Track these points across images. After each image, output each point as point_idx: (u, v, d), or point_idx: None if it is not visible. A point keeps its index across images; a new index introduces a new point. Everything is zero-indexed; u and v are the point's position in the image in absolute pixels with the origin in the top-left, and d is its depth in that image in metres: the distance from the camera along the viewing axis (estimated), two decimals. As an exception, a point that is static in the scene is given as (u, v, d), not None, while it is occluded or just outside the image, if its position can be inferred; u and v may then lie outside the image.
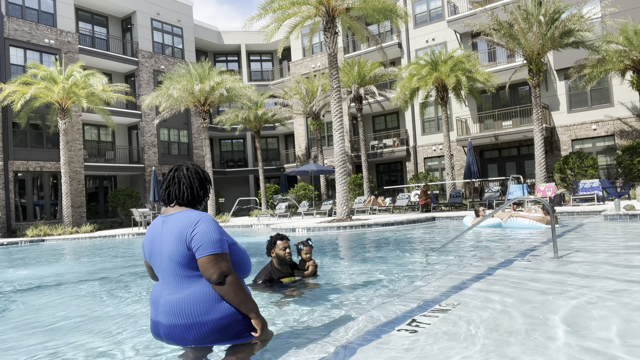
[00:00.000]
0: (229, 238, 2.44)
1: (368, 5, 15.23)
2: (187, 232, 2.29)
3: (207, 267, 2.25)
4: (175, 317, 2.31)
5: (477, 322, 2.89)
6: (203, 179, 2.53)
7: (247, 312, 2.31)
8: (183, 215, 2.36)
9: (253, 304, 2.34)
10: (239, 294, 2.29)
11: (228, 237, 2.43)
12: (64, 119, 20.45)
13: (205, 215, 2.38)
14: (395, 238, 9.68)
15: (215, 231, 2.31)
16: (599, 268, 4.51)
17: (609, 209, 11.86)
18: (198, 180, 2.51)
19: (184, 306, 2.30)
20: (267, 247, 4.64)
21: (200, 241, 2.26)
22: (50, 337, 3.46)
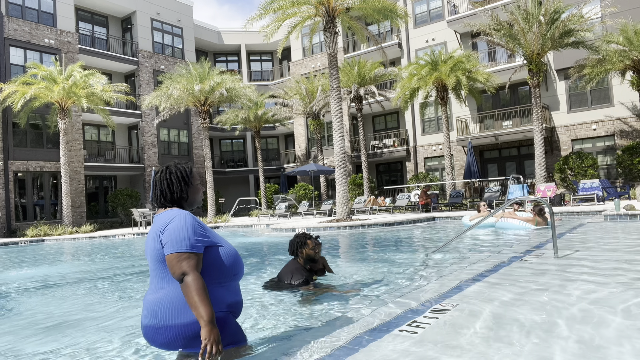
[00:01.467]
0: (213, 238, 2.38)
1: (368, 5, 15.23)
2: (160, 229, 2.30)
3: (170, 265, 2.21)
4: (149, 317, 2.30)
5: (478, 322, 2.88)
6: (179, 178, 2.50)
7: (197, 318, 2.14)
8: (164, 213, 2.37)
9: (206, 311, 2.12)
10: (191, 296, 2.14)
11: (210, 237, 2.37)
12: (64, 119, 20.45)
13: (182, 214, 2.33)
14: (395, 238, 9.68)
15: (186, 229, 2.26)
16: (599, 268, 4.51)
17: (609, 209, 11.85)
18: (174, 180, 2.49)
19: (156, 307, 2.28)
20: (295, 247, 4.55)
21: (167, 238, 2.24)
22: (50, 337, 3.45)
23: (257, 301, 4.15)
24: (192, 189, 2.55)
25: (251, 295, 4.42)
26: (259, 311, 3.73)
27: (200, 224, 2.38)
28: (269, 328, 3.22)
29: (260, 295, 4.43)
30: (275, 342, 2.88)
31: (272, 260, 7.46)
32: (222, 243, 2.42)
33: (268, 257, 8.04)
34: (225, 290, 2.40)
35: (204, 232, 2.35)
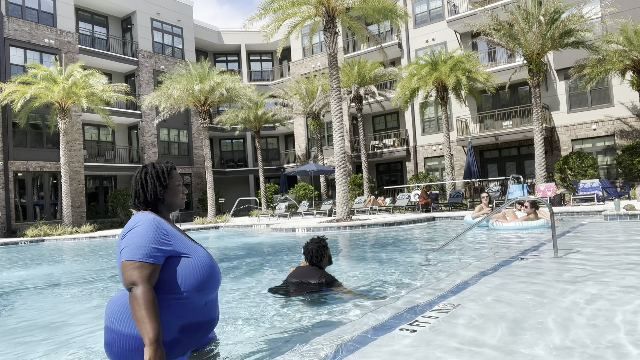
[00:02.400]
0: (178, 247, 2.17)
1: (368, 5, 15.23)
2: (124, 233, 2.16)
3: (122, 273, 2.04)
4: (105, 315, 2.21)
5: (477, 322, 2.89)
6: (154, 178, 2.34)
7: (142, 335, 1.93)
8: (133, 217, 2.24)
9: (152, 328, 1.92)
10: (137, 309, 1.95)
11: (174, 247, 2.16)
12: (64, 119, 20.45)
13: (147, 220, 2.16)
14: (395, 238, 9.68)
15: (145, 236, 2.08)
16: (599, 268, 4.51)
17: (609, 209, 11.85)
18: (149, 180, 2.33)
19: (109, 305, 2.18)
20: (320, 253, 4.21)
21: (126, 244, 2.09)
22: (49, 337, 3.45)
23: (257, 302, 4.15)
24: (169, 190, 2.36)
25: (251, 296, 4.42)
26: (258, 312, 3.73)
27: (166, 231, 2.18)
28: (268, 329, 3.22)
29: (260, 296, 4.43)
30: (275, 342, 2.88)
31: (272, 261, 7.46)
32: (190, 253, 2.19)
33: (268, 257, 8.04)
34: (182, 308, 2.13)
35: (168, 241, 2.15)
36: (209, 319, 2.28)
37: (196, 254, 2.22)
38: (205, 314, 2.24)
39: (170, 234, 2.21)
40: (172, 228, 2.27)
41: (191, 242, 2.30)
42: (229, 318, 3.55)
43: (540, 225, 9.20)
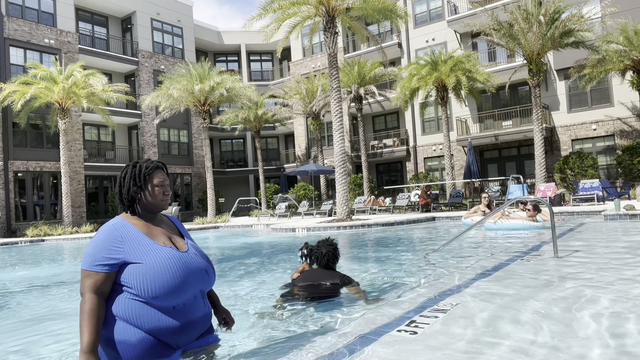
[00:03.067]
0: (128, 256, 2.13)
1: (368, 5, 15.23)
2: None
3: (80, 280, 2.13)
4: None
5: (477, 323, 2.88)
6: (130, 178, 2.31)
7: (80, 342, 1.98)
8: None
9: (86, 339, 1.96)
10: (81, 319, 2.00)
11: (123, 256, 2.13)
12: (64, 119, 20.45)
13: (103, 227, 2.21)
14: (395, 238, 9.68)
15: (94, 246, 2.12)
16: (599, 268, 4.51)
17: (609, 209, 11.85)
18: (127, 179, 2.31)
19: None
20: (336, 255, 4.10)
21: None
22: (48, 337, 3.45)
23: (256, 302, 4.15)
24: (146, 191, 2.29)
25: (251, 296, 4.42)
26: (256, 313, 3.73)
27: (121, 239, 2.16)
28: (267, 331, 3.21)
29: (260, 295, 4.43)
30: (274, 343, 2.88)
31: (272, 261, 7.46)
32: (143, 261, 2.13)
33: (268, 258, 8.04)
34: (146, 311, 2.13)
35: (119, 249, 2.13)
36: (184, 322, 2.21)
37: (151, 261, 2.14)
38: (176, 317, 2.18)
39: (127, 241, 2.16)
40: (135, 234, 2.21)
41: (156, 247, 2.20)
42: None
43: (538, 226, 9.17)
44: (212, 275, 2.40)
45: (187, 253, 2.30)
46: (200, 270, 2.30)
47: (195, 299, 2.28)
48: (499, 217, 9.67)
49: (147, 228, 2.29)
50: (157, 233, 2.30)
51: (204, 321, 2.34)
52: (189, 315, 2.24)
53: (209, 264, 2.41)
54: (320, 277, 3.96)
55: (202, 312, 2.33)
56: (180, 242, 2.37)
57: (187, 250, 2.32)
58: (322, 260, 4.06)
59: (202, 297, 2.35)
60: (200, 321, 2.31)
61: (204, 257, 2.40)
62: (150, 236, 2.26)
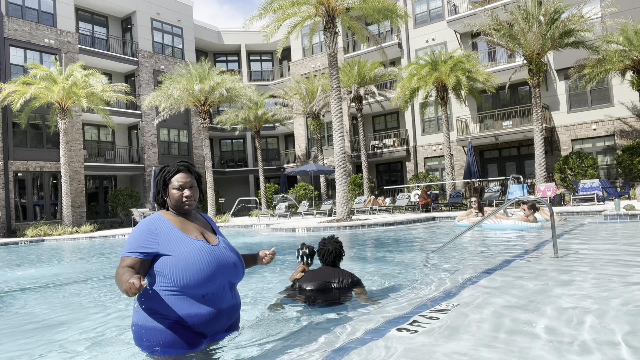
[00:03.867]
0: (160, 248, 2.34)
1: (368, 5, 15.23)
2: None
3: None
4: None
5: (477, 323, 2.88)
6: (156, 180, 2.57)
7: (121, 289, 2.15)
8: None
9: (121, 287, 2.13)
10: (117, 275, 2.20)
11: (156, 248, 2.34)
12: (64, 119, 20.45)
13: (141, 222, 2.45)
14: (395, 238, 9.68)
15: (133, 236, 2.37)
16: (599, 268, 4.51)
17: (609, 209, 11.85)
18: (154, 181, 2.59)
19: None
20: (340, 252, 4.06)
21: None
22: (47, 338, 3.45)
23: (254, 303, 4.15)
24: (168, 193, 2.50)
25: (251, 296, 4.42)
26: (256, 314, 3.73)
27: (153, 232, 2.37)
28: (267, 331, 3.22)
29: (259, 297, 4.43)
30: (274, 344, 2.88)
31: (272, 261, 7.45)
32: (174, 254, 2.33)
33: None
34: (176, 300, 2.32)
35: (153, 241, 2.35)
36: (212, 310, 2.38)
37: (183, 252, 2.33)
38: (205, 306, 2.36)
39: (161, 233, 2.37)
40: (169, 228, 2.41)
41: (188, 240, 2.40)
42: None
43: (533, 227, 9.15)
44: (240, 269, 2.55)
45: (218, 247, 2.48)
46: (229, 263, 2.47)
47: (224, 289, 2.44)
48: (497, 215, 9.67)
49: (181, 223, 2.48)
50: (190, 228, 2.48)
51: (231, 312, 2.51)
52: (218, 304, 2.41)
53: (239, 259, 2.57)
54: (329, 276, 3.84)
55: (230, 302, 2.49)
56: (212, 237, 2.55)
57: (217, 244, 2.50)
58: (328, 257, 3.99)
59: (230, 289, 2.49)
60: (228, 311, 2.47)
61: (233, 252, 2.57)
62: (184, 230, 2.45)
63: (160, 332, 2.30)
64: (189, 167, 2.55)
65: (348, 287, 3.80)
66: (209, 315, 2.37)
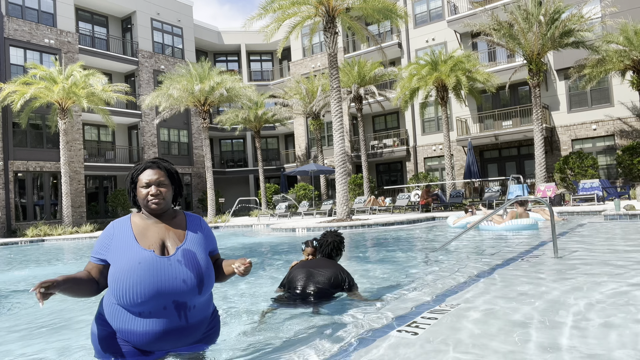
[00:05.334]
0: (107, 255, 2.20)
1: (368, 5, 15.23)
2: None
3: None
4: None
5: (477, 323, 2.88)
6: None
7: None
8: None
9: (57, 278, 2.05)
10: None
11: (104, 254, 2.20)
12: (64, 119, 20.45)
13: (109, 224, 2.36)
14: (395, 238, 9.68)
15: (98, 240, 2.28)
16: (599, 268, 4.51)
17: (609, 209, 11.85)
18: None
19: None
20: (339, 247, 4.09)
21: None
22: (47, 338, 3.45)
23: (254, 303, 4.15)
24: (137, 191, 2.30)
25: (250, 296, 4.42)
26: (255, 314, 3.73)
27: (109, 237, 2.23)
28: (264, 332, 3.21)
29: (259, 297, 4.43)
30: (272, 345, 2.88)
31: (272, 261, 7.46)
32: (115, 264, 2.15)
33: (268, 258, 8.04)
34: (118, 312, 2.15)
35: (105, 247, 2.21)
36: (150, 330, 2.11)
37: (122, 263, 2.12)
38: (141, 324, 2.12)
39: (115, 239, 2.21)
40: (126, 234, 2.22)
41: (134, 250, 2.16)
42: (228, 318, 3.55)
43: (530, 225, 9.13)
44: (193, 287, 2.17)
45: (169, 259, 2.17)
46: (176, 279, 2.13)
47: (165, 309, 2.12)
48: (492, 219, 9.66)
49: (143, 228, 2.26)
50: (151, 234, 2.24)
51: (180, 334, 2.17)
52: (157, 325, 2.12)
53: (195, 274, 2.18)
54: (320, 265, 3.85)
55: (176, 324, 2.15)
56: (172, 246, 2.23)
57: (171, 256, 2.18)
58: (325, 248, 4.02)
59: (177, 309, 2.14)
60: (173, 333, 2.15)
61: (191, 266, 2.19)
62: (141, 237, 2.22)
63: (99, 338, 2.18)
64: (158, 163, 2.33)
65: (333, 283, 3.72)
66: (145, 335, 2.11)
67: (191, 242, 2.29)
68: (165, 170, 2.33)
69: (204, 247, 2.32)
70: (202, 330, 2.28)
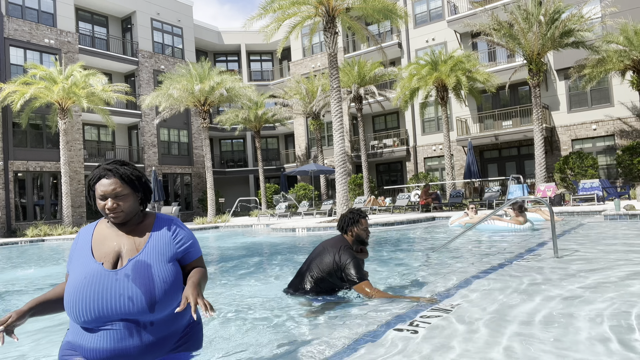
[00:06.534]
0: (68, 266, 2.06)
1: (368, 5, 15.23)
2: None
3: None
4: None
5: (477, 323, 2.88)
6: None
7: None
8: None
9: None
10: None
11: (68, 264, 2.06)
12: (64, 119, 20.44)
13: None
14: (395, 238, 9.68)
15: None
16: (599, 268, 4.51)
17: (609, 209, 11.85)
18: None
19: None
20: (346, 223, 4.00)
21: None
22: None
23: (253, 303, 4.15)
24: (96, 203, 2.05)
25: (250, 297, 4.42)
26: (255, 313, 3.73)
27: (73, 247, 2.07)
28: (265, 331, 3.21)
29: (259, 297, 4.42)
30: (271, 345, 2.88)
31: (272, 261, 7.46)
32: (70, 276, 1.99)
33: (268, 257, 8.04)
34: (73, 324, 2.00)
35: (70, 256, 2.06)
36: (96, 347, 1.90)
37: (70, 279, 1.97)
38: (89, 339, 1.92)
39: (77, 250, 2.04)
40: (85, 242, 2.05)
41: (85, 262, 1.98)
42: (228, 317, 3.55)
43: (524, 228, 9.15)
44: (142, 305, 1.90)
45: (115, 273, 1.93)
46: (121, 296, 1.89)
47: (112, 328, 1.90)
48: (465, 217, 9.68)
49: (103, 236, 2.06)
50: (108, 242, 2.03)
51: (135, 353, 1.92)
52: (107, 343, 1.90)
53: (144, 291, 1.92)
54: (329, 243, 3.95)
55: (128, 344, 1.91)
56: (126, 258, 2.00)
57: (118, 270, 1.95)
58: (340, 222, 4.06)
59: (126, 328, 1.91)
60: (126, 352, 1.91)
61: (140, 281, 1.93)
62: (97, 247, 2.02)
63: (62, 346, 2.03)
64: (115, 171, 2.02)
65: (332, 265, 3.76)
66: (94, 351, 1.91)
67: (150, 252, 2.01)
68: (123, 178, 2.02)
69: (167, 257, 2.03)
70: (168, 346, 2.01)
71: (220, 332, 3.19)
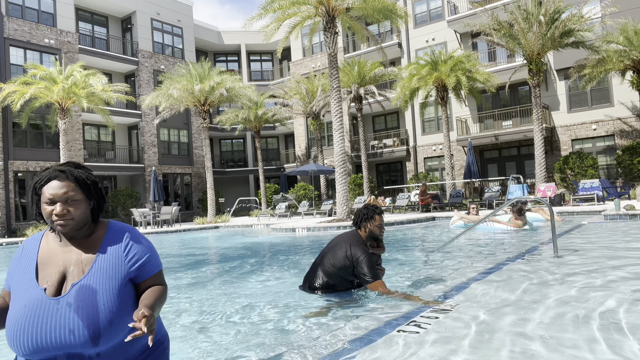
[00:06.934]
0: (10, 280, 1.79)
1: (368, 5, 15.23)
2: None
3: None
4: None
5: (477, 322, 2.88)
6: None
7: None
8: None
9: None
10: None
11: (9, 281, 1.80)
12: (64, 119, 20.44)
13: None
14: (395, 238, 9.68)
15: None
16: (599, 268, 4.51)
17: (609, 209, 11.85)
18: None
19: None
20: (360, 218, 3.99)
21: None
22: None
23: (253, 303, 4.15)
24: (42, 209, 1.83)
25: (250, 296, 4.42)
26: (255, 313, 3.73)
27: (14, 262, 1.81)
28: (265, 330, 3.21)
29: (258, 297, 4.43)
30: (270, 344, 2.88)
31: (272, 261, 7.46)
32: (13, 296, 1.73)
33: (268, 258, 8.04)
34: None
35: (11, 273, 1.80)
36: None
37: (12, 305, 1.70)
38: None
39: (19, 267, 1.78)
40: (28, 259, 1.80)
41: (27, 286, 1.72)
42: (229, 318, 3.55)
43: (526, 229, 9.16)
44: (84, 339, 1.64)
45: (57, 302, 1.67)
46: (63, 329, 1.64)
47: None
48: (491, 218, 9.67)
49: (49, 254, 1.81)
50: (54, 261, 1.79)
51: None
52: None
53: (87, 323, 1.65)
54: (343, 237, 3.99)
55: None
56: (70, 281, 1.74)
57: (60, 297, 1.69)
58: (355, 217, 4.09)
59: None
60: None
61: (82, 311, 1.66)
62: (43, 266, 1.77)
63: None
64: (68, 173, 1.79)
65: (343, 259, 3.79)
66: None
67: (96, 274, 1.74)
68: (77, 182, 1.79)
69: (117, 279, 1.75)
70: None
71: (221, 332, 3.19)
